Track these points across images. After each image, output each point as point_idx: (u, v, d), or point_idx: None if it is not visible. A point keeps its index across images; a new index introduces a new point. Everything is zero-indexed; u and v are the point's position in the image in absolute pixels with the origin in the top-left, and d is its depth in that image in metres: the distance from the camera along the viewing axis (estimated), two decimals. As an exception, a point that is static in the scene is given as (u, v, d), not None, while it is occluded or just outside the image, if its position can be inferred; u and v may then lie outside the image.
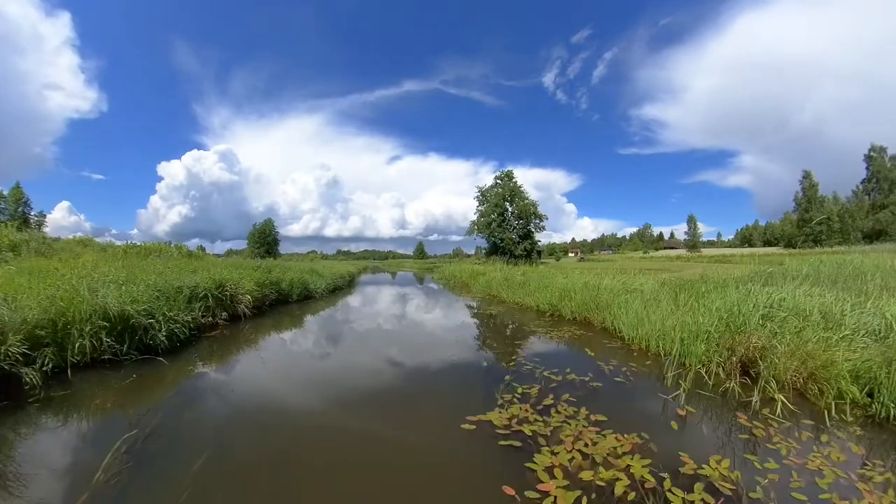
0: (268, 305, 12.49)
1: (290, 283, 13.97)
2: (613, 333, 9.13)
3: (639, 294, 10.51)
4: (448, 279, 28.95)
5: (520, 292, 13.46)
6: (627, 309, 9.19)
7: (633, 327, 8.43)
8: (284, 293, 13.57)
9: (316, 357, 7.94)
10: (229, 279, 10.87)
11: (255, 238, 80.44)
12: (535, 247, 45.80)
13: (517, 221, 44.70)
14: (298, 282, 14.68)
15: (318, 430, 4.32)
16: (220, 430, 4.22)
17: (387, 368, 7.01)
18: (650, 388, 5.59)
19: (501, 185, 45.65)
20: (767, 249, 72.43)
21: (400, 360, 7.49)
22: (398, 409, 5.01)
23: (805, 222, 75.76)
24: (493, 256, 42.05)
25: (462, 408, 4.58)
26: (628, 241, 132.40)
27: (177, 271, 11.21)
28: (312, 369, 7.17)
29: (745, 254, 58.35)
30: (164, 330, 7.77)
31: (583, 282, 11.43)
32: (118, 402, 5.09)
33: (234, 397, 5.39)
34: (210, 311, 10.18)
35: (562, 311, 11.05)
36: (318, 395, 5.71)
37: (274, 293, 12.87)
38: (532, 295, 12.52)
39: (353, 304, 15.70)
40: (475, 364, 6.96)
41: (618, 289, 10.86)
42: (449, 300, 17.07)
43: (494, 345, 8.21)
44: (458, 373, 6.55)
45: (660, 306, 8.58)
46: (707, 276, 12.46)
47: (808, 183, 77.01)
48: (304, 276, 15.72)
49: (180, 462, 3.44)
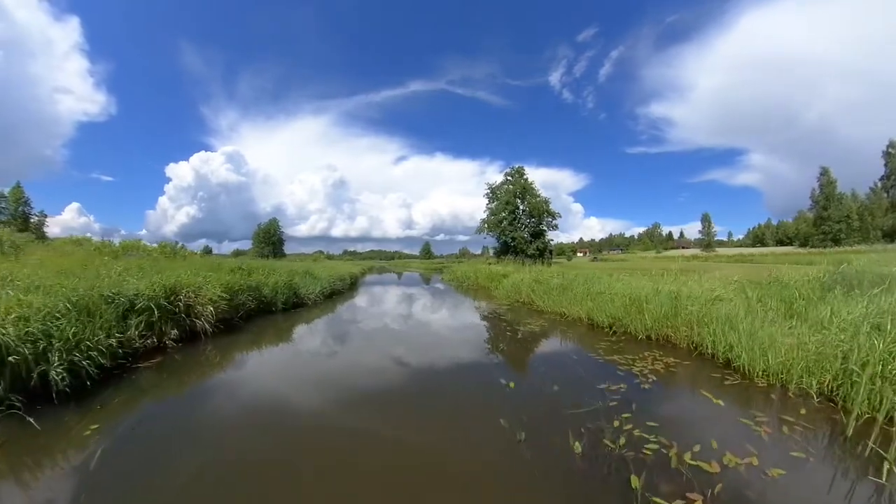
0: (242, 318, 9.58)
1: (273, 287, 11.13)
2: (711, 358, 6.43)
3: (726, 303, 7.56)
4: (460, 281, 25.94)
5: (561, 300, 10.46)
6: (734, 325, 6.30)
7: (750, 351, 5.63)
8: (267, 301, 10.68)
9: (290, 411, 5.01)
10: (187, 284, 8.00)
11: (261, 238, 78.45)
12: (548, 246, 42.75)
13: (529, 219, 41.79)
14: (285, 286, 11.85)
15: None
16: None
17: (405, 436, 4.06)
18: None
19: (512, 182, 42.69)
20: (785, 249, 68.78)
21: (423, 418, 4.55)
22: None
23: (823, 220, 71.94)
24: (507, 256, 39.03)
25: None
26: (637, 240, 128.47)
27: (135, 273, 8.42)
28: (287, 435, 4.24)
29: (764, 253, 54.96)
30: (63, 363, 5.03)
31: (652, 287, 8.43)
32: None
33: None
34: (155, 329, 7.33)
35: (628, 327, 8.08)
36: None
37: (252, 301, 9.97)
38: (580, 303, 9.53)
39: (352, 313, 12.50)
40: (558, 447, 3.80)
41: (702, 295, 7.87)
42: (470, 308, 13.93)
43: (567, 394, 5.17)
44: (537, 469, 3.52)
45: (769, 320, 5.98)
46: (777, 277, 9.50)
47: (825, 180, 73.12)
48: (293, 278, 12.80)
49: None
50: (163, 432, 4.10)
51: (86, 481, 3.09)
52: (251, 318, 10.06)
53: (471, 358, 7.03)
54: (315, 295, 13.48)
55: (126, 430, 4.09)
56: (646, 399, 4.87)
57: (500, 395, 4.99)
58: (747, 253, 57.55)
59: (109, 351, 6.16)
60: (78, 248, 16.05)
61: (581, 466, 3.27)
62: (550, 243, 43.55)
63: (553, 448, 3.59)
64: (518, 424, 4.01)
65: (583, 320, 9.36)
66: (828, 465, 3.30)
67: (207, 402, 5.17)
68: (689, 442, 3.55)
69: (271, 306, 11.00)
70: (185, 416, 4.65)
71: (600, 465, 3.27)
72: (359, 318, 11.29)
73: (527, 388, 5.25)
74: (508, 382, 5.32)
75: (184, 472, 3.21)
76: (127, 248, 17.37)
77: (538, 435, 3.83)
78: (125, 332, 6.82)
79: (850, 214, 71.43)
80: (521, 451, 3.55)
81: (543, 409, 4.50)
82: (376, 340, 8.58)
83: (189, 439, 3.94)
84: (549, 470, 3.25)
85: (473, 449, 3.68)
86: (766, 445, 3.54)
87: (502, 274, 18.60)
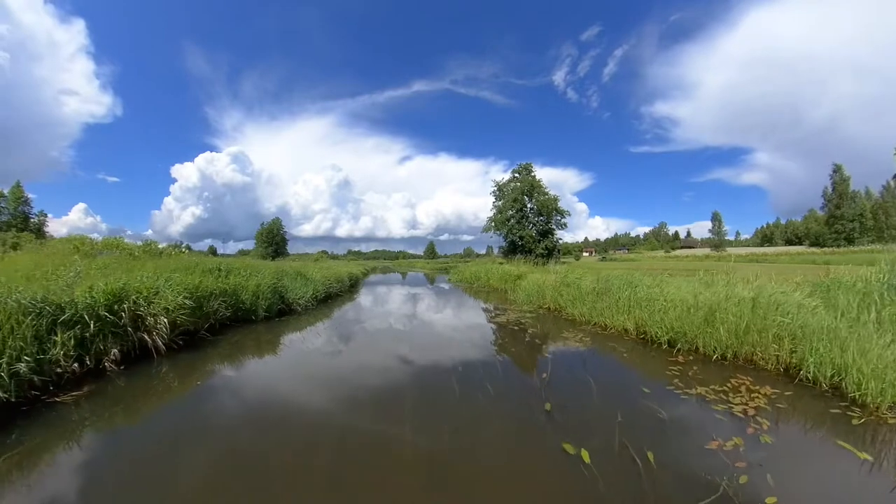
0: (213, 329, 7.83)
1: (255, 292, 9.44)
2: (813, 385, 4.91)
3: (810, 311, 5.80)
4: (469, 282, 23.97)
5: (598, 307, 8.65)
6: (842, 341, 4.64)
7: (880, 378, 4.15)
8: (246, 308, 8.96)
9: (256, 473, 3.26)
10: (137, 289, 6.30)
11: (263, 238, 77.25)
12: (557, 245, 40.86)
13: (537, 218, 39.97)
14: (269, 290, 10.08)
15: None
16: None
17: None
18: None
19: (520, 179, 40.89)
20: (798, 248, 66.46)
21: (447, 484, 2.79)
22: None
23: (836, 219, 69.49)
24: (518, 255, 37.16)
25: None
26: (642, 240, 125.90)
27: (96, 275, 6.78)
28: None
29: (779, 253, 52.85)
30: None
31: (722, 292, 6.62)
32: None
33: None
34: (91, 348, 5.63)
35: (697, 343, 6.30)
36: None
37: (227, 309, 8.22)
38: (626, 312, 7.72)
39: (348, 324, 10.31)
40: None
41: (786, 302, 6.07)
42: (486, 315, 11.69)
43: (667, 464, 3.28)
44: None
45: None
46: (837, 278, 7.74)
47: (838, 177, 70.67)
48: (281, 280, 11.03)
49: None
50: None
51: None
52: (226, 328, 8.32)
53: (501, 397, 4.89)
54: (307, 300, 11.72)
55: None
56: (778, 462, 3.14)
57: (561, 473, 3.12)
58: (760, 252, 55.33)
59: (14, 379, 4.51)
60: (67, 246, 14.50)
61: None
62: (559, 242, 41.65)
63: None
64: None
65: (629, 333, 7.55)
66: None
67: (134, 454, 3.45)
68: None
69: (251, 314, 9.31)
70: (94, 479, 2.93)
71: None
72: (355, 330, 9.54)
73: (602, 459, 3.25)
74: (569, 446, 3.43)
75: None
76: (107, 246, 15.76)
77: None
78: (47, 353, 5.16)
79: (863, 213, 69.05)
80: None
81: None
82: (373, 362, 6.70)
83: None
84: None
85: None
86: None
87: (517, 275, 16.77)
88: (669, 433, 3.77)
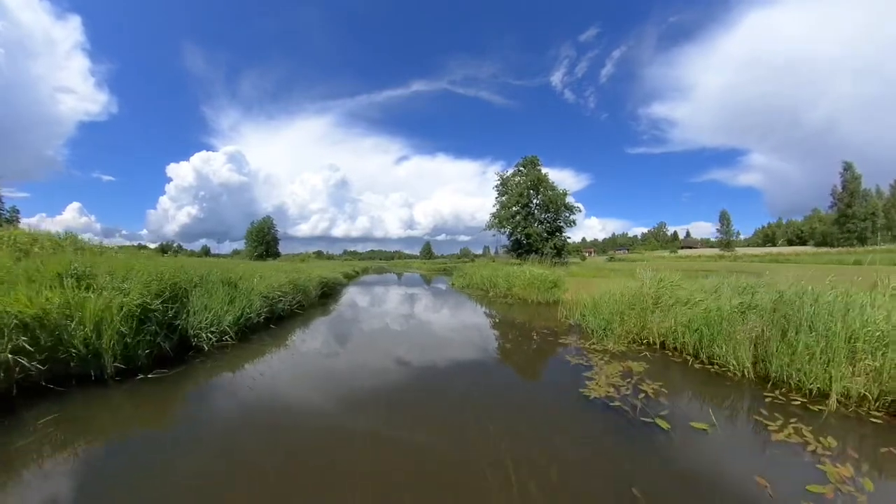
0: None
1: (96, 322, 4.28)
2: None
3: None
4: (482, 288, 18.14)
5: (779, 350, 3.94)
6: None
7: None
8: (82, 356, 3.96)
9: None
10: None
11: (254, 237, 72.16)
12: (566, 244, 36.25)
13: (544, 214, 35.40)
14: (129, 317, 4.77)
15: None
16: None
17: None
18: None
19: (525, 174, 36.28)
20: (812, 248, 62.30)
21: None
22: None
23: (847, 218, 65.43)
24: (533, 255, 32.54)
25: None
26: (641, 240, 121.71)
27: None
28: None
29: (798, 253, 48.54)
30: None
31: None
32: None
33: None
34: None
35: None
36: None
37: (39, 359, 3.37)
38: (850, 361, 3.07)
39: (286, 375, 5.40)
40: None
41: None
42: (545, 349, 6.91)
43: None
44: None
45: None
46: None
47: (849, 175, 66.57)
48: (178, 293, 5.94)
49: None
50: None
51: None
52: (31, 402, 3.46)
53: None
54: (229, 324, 6.88)
55: None
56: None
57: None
58: (776, 252, 51.03)
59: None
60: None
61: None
62: (567, 241, 37.00)
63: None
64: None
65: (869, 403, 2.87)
66: None
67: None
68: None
69: (91, 367, 4.40)
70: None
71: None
72: (305, 386, 4.69)
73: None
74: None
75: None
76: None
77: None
78: None
79: (875, 212, 65.19)
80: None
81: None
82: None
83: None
84: None
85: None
86: None
87: (552, 281, 11.93)
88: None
